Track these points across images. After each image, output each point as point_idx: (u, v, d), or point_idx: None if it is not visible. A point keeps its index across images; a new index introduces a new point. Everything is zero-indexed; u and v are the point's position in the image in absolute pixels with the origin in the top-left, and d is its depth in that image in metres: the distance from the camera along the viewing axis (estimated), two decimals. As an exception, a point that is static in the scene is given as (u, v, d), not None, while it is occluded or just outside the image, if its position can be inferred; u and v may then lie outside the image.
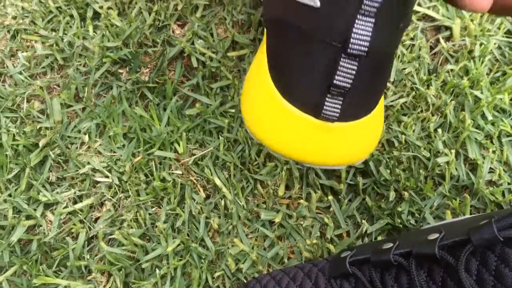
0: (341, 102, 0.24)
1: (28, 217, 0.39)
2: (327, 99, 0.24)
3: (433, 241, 0.24)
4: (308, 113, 0.25)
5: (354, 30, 0.22)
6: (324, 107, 0.24)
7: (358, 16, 0.22)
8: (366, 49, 0.23)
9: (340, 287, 0.27)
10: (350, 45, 0.22)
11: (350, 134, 0.26)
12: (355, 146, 0.27)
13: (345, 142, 0.27)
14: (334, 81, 0.24)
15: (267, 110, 0.28)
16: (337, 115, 0.25)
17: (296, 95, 0.25)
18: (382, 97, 0.29)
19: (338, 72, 0.23)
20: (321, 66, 0.24)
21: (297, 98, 0.25)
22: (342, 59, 0.23)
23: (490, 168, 0.39)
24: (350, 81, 0.23)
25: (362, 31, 0.22)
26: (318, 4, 0.23)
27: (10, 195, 0.39)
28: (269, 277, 0.30)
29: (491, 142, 0.40)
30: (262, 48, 0.30)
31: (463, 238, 0.23)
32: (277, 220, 0.37)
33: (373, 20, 0.22)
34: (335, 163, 0.28)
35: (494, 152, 0.39)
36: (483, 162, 0.39)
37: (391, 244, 0.27)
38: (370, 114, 0.26)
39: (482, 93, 0.41)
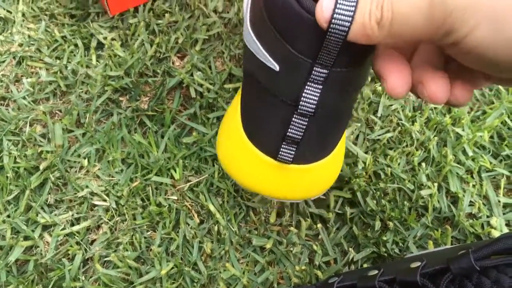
0: (294, 149, 0.29)
1: (26, 238, 0.40)
2: (282, 146, 0.29)
3: (415, 269, 0.26)
4: (269, 155, 0.30)
5: (303, 94, 0.26)
6: (280, 152, 0.29)
7: (307, 83, 0.26)
8: (313, 110, 0.27)
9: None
10: (300, 106, 0.27)
11: (304, 175, 0.31)
12: (309, 184, 0.32)
13: (300, 181, 0.31)
14: (288, 133, 0.28)
15: (236, 150, 0.32)
16: (291, 159, 0.29)
17: (259, 140, 0.30)
18: (343, 143, 0.33)
19: (291, 126, 0.28)
20: (278, 119, 0.28)
21: (259, 142, 0.30)
22: (294, 115, 0.28)
23: (470, 201, 0.41)
24: (301, 134, 0.28)
25: (310, 95, 0.26)
26: (278, 68, 0.27)
27: (9, 216, 0.40)
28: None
29: (472, 176, 0.42)
30: (239, 92, 0.34)
31: (443, 266, 0.25)
32: (268, 246, 0.39)
33: (320, 86, 0.26)
34: (292, 198, 0.33)
35: (474, 186, 0.41)
36: (464, 196, 0.41)
37: (376, 271, 0.28)
38: (325, 159, 0.31)
39: (463, 130, 0.44)
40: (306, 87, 0.26)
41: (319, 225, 0.40)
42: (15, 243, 0.39)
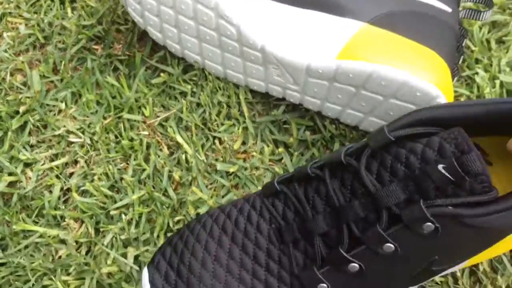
0: None
1: (10, 174, 0.43)
2: None
3: (340, 150, 0.28)
4: None
5: None
6: None
7: None
8: None
9: (272, 205, 0.31)
10: None
11: None
12: None
13: None
14: None
15: None
16: None
17: None
18: None
19: None
20: None
21: None
22: None
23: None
24: None
25: None
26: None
27: (-6, 156, 0.44)
28: (216, 209, 0.34)
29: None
30: None
31: (363, 144, 0.27)
32: (232, 170, 0.41)
33: None
34: None
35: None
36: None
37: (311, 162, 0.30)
38: None
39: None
40: None
41: (281, 149, 0.42)
42: (0, 178, 0.42)
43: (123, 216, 0.40)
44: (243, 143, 0.43)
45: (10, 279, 0.40)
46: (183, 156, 0.42)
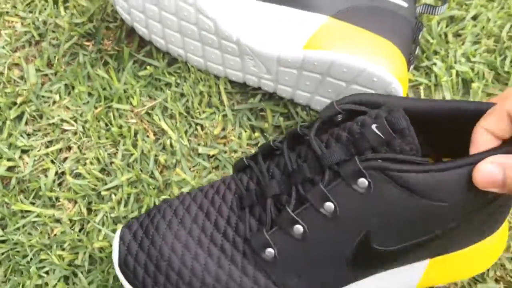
0: None
1: (9, 160, 0.47)
2: None
3: (297, 125, 0.32)
4: None
5: None
6: None
7: None
8: None
9: (240, 179, 0.34)
10: None
11: None
12: None
13: None
14: None
15: None
16: None
17: None
18: None
19: None
20: None
21: None
22: None
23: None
24: None
25: None
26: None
27: (-7, 144, 0.47)
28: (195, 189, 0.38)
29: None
30: None
31: (317, 117, 0.31)
32: (212, 153, 0.45)
33: None
34: None
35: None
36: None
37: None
38: None
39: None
40: None
41: (257, 134, 0.46)
42: (-1, 163, 0.46)
43: (113, 196, 0.44)
44: (223, 129, 0.47)
45: (10, 254, 0.43)
46: (168, 141, 0.46)
